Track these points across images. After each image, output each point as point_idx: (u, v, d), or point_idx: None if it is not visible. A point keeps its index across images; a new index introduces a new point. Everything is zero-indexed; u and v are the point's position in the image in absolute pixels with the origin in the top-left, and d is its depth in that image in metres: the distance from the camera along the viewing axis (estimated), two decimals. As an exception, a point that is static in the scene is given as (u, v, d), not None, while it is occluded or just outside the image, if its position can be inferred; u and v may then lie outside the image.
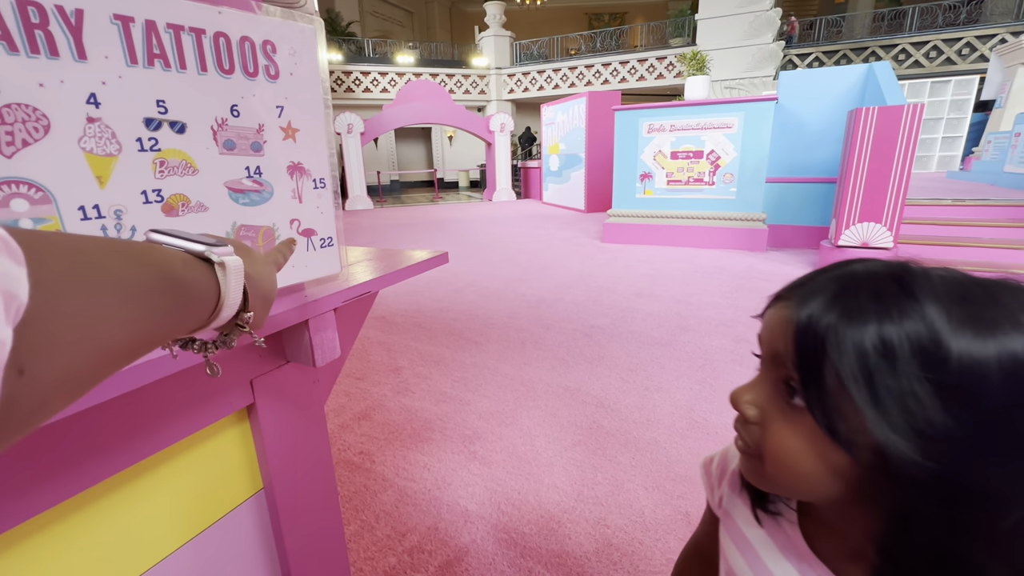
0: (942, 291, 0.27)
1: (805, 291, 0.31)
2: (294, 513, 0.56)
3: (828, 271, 0.32)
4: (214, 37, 0.41)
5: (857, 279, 0.29)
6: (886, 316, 0.27)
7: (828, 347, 0.28)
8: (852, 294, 0.28)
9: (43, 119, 0.33)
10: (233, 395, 0.48)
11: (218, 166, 0.44)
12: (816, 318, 0.29)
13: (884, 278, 0.28)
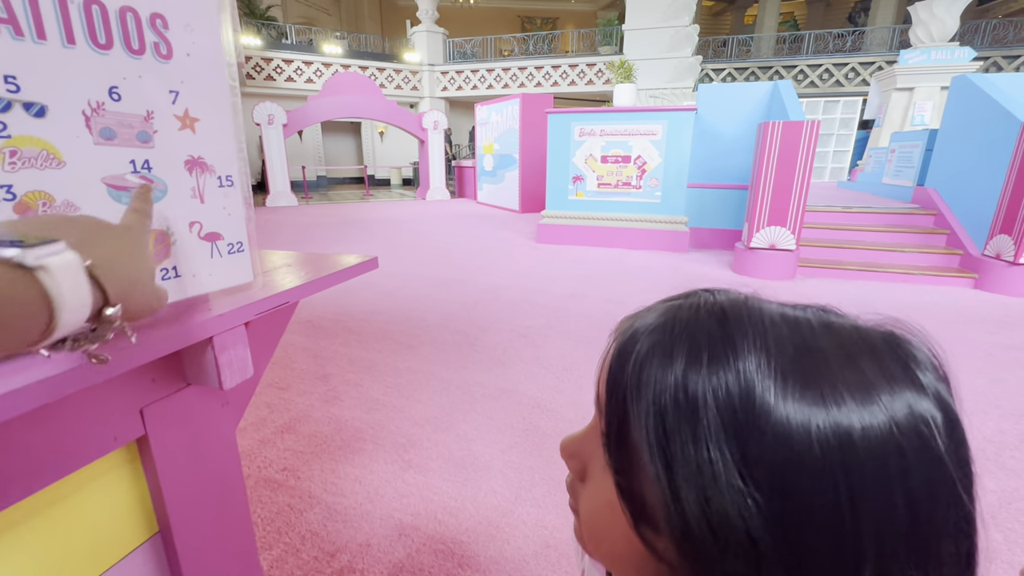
0: (775, 338, 0.21)
1: (629, 325, 0.26)
2: (198, 555, 0.49)
3: (669, 301, 0.27)
4: (84, 4, 0.35)
5: (680, 315, 0.24)
6: (694, 362, 0.21)
7: (628, 394, 0.23)
8: (667, 333, 0.23)
9: None
10: (117, 427, 0.41)
11: (93, 158, 0.37)
12: (624, 359, 0.24)
13: (706, 316, 0.23)
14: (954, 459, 0.19)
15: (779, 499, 0.19)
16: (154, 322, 0.41)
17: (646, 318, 0.25)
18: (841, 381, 0.19)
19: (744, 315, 0.23)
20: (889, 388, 0.20)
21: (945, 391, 0.21)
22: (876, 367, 0.20)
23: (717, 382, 0.20)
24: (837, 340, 0.21)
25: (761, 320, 0.22)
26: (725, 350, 0.21)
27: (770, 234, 4.12)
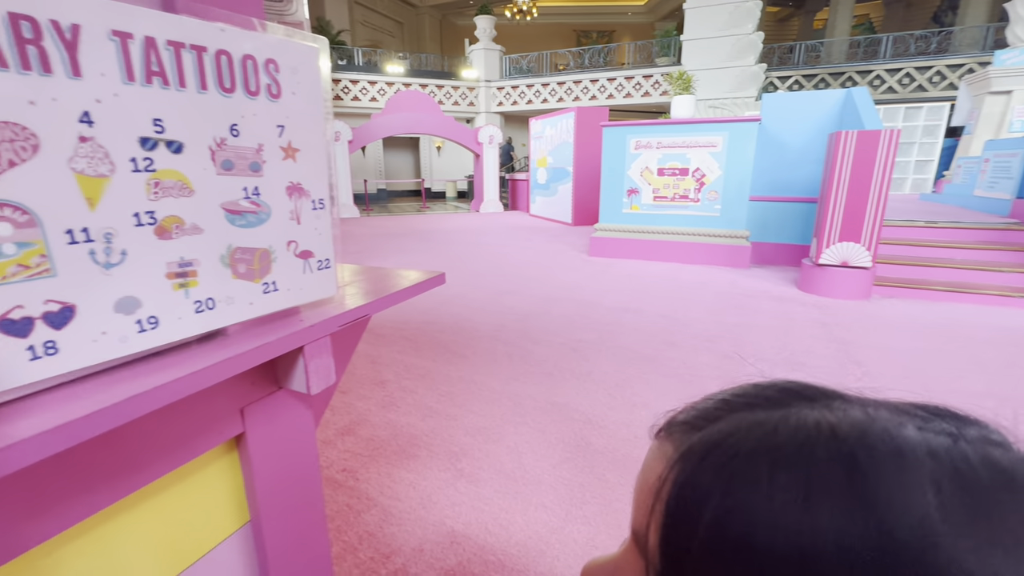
0: (941, 497, 0.15)
1: (695, 435, 0.20)
2: (282, 545, 0.54)
3: (748, 400, 0.20)
4: (216, 55, 0.40)
5: (784, 449, 0.17)
6: (817, 532, 0.15)
7: (703, 561, 0.17)
8: (766, 478, 0.16)
9: (32, 138, 0.31)
10: (223, 424, 0.46)
11: (215, 187, 0.42)
12: (697, 508, 0.17)
13: (825, 455, 0.16)
14: None
15: None
16: (253, 332, 0.46)
17: (717, 444, 0.18)
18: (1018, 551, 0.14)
19: (891, 466, 0.15)
20: None
21: None
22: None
23: (855, 558, 0.14)
24: (1011, 488, 0.15)
25: (919, 473, 0.15)
26: (867, 529, 0.14)
27: (842, 250, 3.86)
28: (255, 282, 0.46)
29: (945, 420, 0.18)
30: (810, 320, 3.36)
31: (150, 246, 0.38)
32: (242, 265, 0.45)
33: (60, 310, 0.34)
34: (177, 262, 0.40)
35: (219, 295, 0.43)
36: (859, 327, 3.20)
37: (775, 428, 0.18)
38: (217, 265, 0.43)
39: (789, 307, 3.66)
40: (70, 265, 0.34)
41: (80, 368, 0.35)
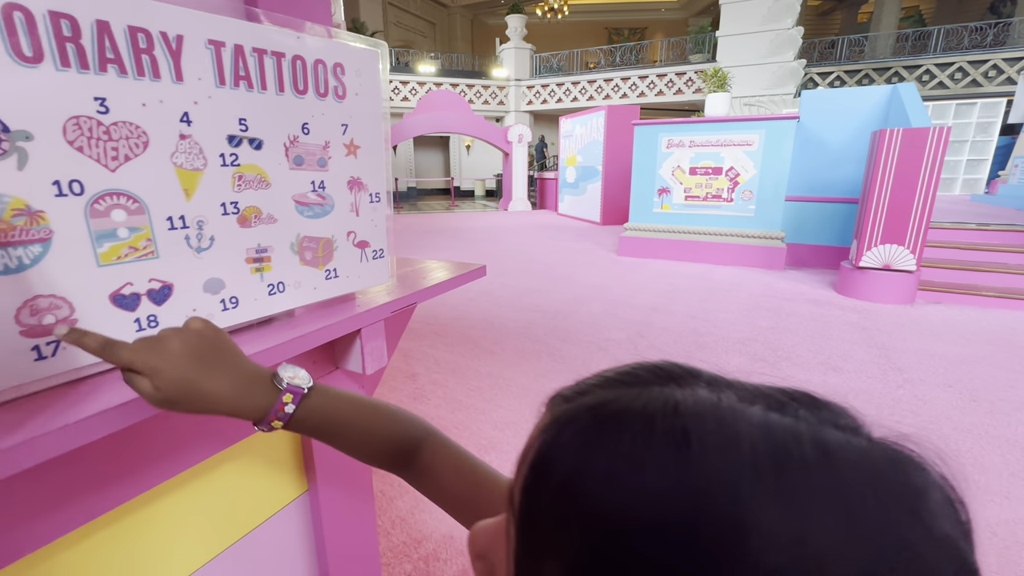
0: (756, 470, 0.16)
1: (564, 406, 0.21)
2: (335, 515, 0.58)
3: (612, 385, 0.21)
4: (292, 60, 0.44)
5: (630, 423, 0.18)
6: (636, 502, 0.16)
7: (545, 530, 0.19)
8: (603, 447, 0.18)
9: (143, 136, 0.36)
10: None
11: (288, 180, 0.46)
12: (545, 468, 0.19)
13: (662, 433, 0.17)
14: None
15: None
16: (316, 315, 0.50)
17: (578, 415, 0.20)
18: (835, 531, 0.15)
19: (715, 439, 0.17)
20: (888, 534, 0.15)
21: (963, 543, 0.17)
22: (875, 506, 0.16)
23: (668, 547, 0.16)
24: (835, 476, 0.16)
25: (738, 448, 0.17)
26: (684, 496, 0.16)
27: (884, 253, 3.72)
28: (319, 268, 0.50)
29: (800, 404, 0.19)
30: (848, 324, 3.25)
31: (233, 233, 0.42)
32: (308, 252, 0.49)
33: (161, 288, 0.38)
34: (255, 248, 0.44)
35: (289, 279, 0.47)
36: (901, 332, 3.08)
37: (629, 403, 0.19)
38: (288, 252, 0.47)
39: (826, 310, 3.55)
40: (170, 248, 0.38)
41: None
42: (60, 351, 0.33)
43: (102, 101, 0.33)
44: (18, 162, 0.30)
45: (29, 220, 0.31)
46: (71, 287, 0.33)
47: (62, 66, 0.31)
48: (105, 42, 0.33)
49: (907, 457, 0.17)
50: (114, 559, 0.42)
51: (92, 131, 0.33)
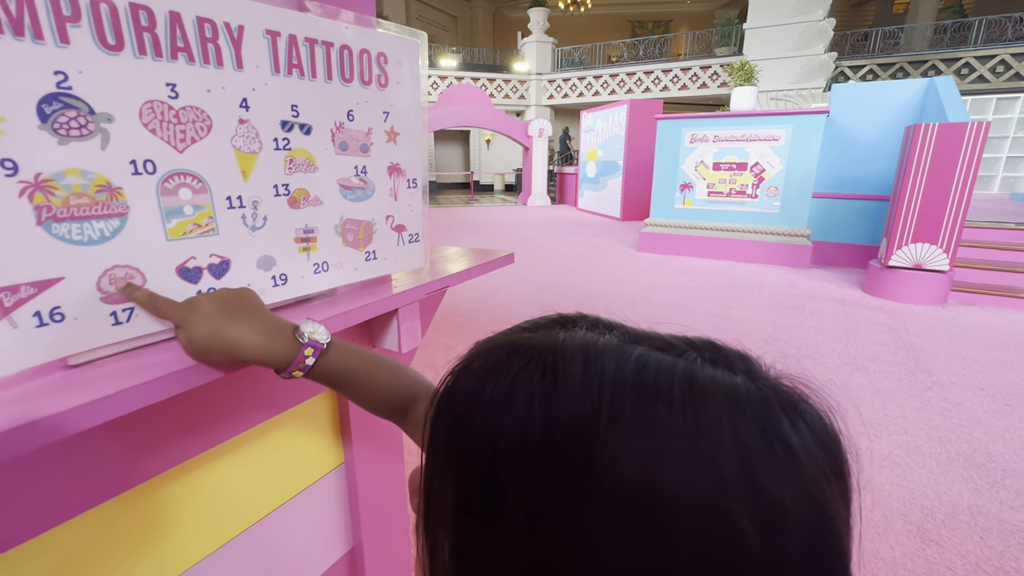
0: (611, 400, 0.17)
1: (463, 361, 0.23)
2: (369, 485, 0.61)
3: (525, 325, 0.24)
4: (340, 49, 0.46)
5: (512, 362, 0.20)
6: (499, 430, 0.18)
7: (440, 446, 0.21)
8: (486, 380, 0.20)
9: (207, 120, 0.38)
10: (329, 373, 0.53)
11: (333, 165, 0.48)
12: (445, 401, 0.22)
13: (537, 370, 0.19)
14: (809, 565, 0.16)
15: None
16: (357, 294, 0.52)
17: (480, 354, 0.22)
18: (673, 448, 0.16)
19: (579, 371, 0.18)
20: (732, 462, 0.16)
21: (822, 480, 0.17)
22: (730, 435, 0.16)
23: (527, 468, 0.17)
24: (694, 403, 0.17)
25: (600, 380, 0.18)
26: (543, 421, 0.18)
27: (916, 252, 3.61)
28: (360, 250, 0.52)
29: (693, 348, 0.20)
30: (876, 324, 3.18)
31: (284, 214, 0.45)
32: (351, 235, 0.51)
33: (220, 263, 0.41)
34: (303, 229, 0.47)
35: (332, 260, 0.50)
36: (931, 334, 2.99)
37: (520, 344, 0.21)
38: (332, 233, 0.49)
39: (853, 310, 3.47)
40: (228, 226, 0.41)
41: (231, 313, 0.43)
42: (134, 318, 0.36)
43: (173, 87, 0.36)
44: (101, 142, 0.33)
45: (109, 196, 0.34)
46: (144, 259, 0.36)
47: (139, 54, 0.34)
48: (177, 32, 0.35)
49: (782, 397, 0.18)
50: (172, 513, 0.45)
51: (164, 114, 0.36)
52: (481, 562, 0.19)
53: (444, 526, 0.21)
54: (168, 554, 0.45)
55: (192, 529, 0.47)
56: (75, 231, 0.33)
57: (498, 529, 0.18)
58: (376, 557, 0.63)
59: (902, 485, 1.55)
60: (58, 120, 0.31)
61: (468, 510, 0.19)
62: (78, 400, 0.30)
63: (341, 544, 0.61)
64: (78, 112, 0.32)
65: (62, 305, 0.32)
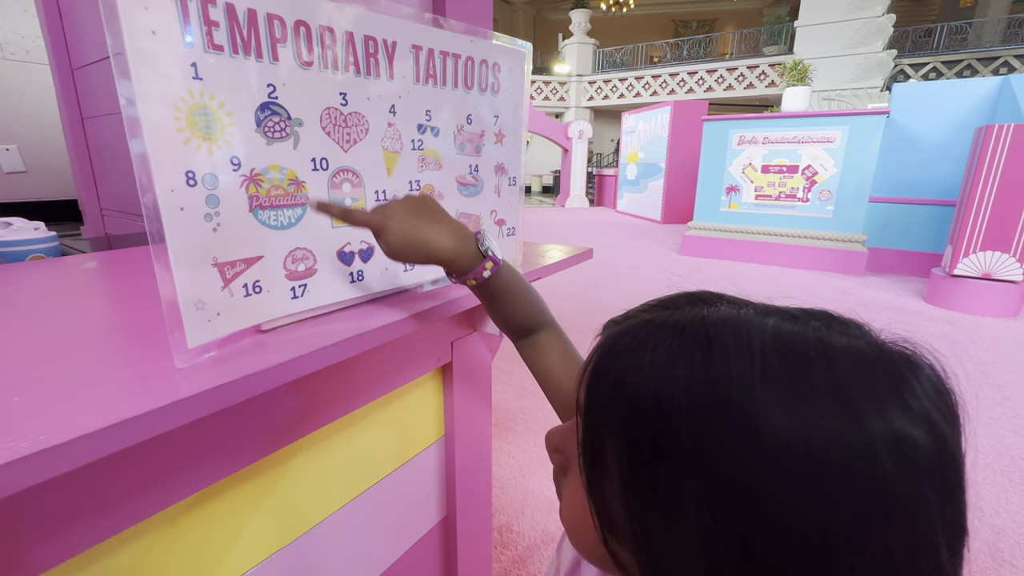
0: (762, 371, 0.20)
1: (610, 335, 0.25)
2: (463, 459, 0.66)
3: (664, 302, 0.26)
4: (465, 60, 0.51)
5: (663, 336, 0.22)
6: (671, 394, 0.20)
7: (603, 415, 0.23)
8: (647, 354, 0.22)
9: (366, 124, 0.44)
10: (440, 352, 0.59)
11: (454, 163, 0.54)
12: (601, 375, 0.24)
13: (690, 342, 0.21)
14: (940, 499, 0.19)
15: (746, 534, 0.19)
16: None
17: (628, 330, 0.24)
18: (819, 400, 0.19)
19: (731, 341, 0.21)
20: (870, 408, 0.18)
21: (943, 423, 0.20)
22: (864, 386, 0.19)
23: (695, 421, 0.20)
24: (830, 366, 0.20)
25: (750, 347, 0.20)
26: (706, 382, 0.20)
27: (985, 260, 3.41)
28: (469, 242, 0.58)
29: (814, 318, 0.23)
30: (939, 336, 3.02)
31: (414, 207, 0.51)
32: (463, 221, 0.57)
33: (367, 248, 0.47)
34: (427, 221, 0.52)
35: (448, 249, 0.55)
36: (1001, 348, 2.82)
37: (667, 319, 0.23)
38: (448, 225, 0.55)
39: (912, 320, 3.31)
40: (374, 216, 0.47)
41: (373, 293, 0.49)
42: (307, 293, 0.43)
43: (344, 95, 0.42)
44: (294, 143, 0.39)
45: (296, 188, 0.40)
46: (316, 243, 0.42)
47: (323, 68, 0.40)
48: (350, 48, 0.41)
49: (900, 353, 0.21)
50: (296, 480, 0.51)
51: (336, 119, 0.42)
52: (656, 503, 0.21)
53: (611, 477, 0.23)
54: (293, 517, 0.51)
55: (312, 495, 0.53)
56: (272, 218, 0.39)
57: (671, 477, 0.20)
58: (466, 525, 0.68)
59: (971, 503, 1.48)
60: (267, 124, 0.37)
61: (638, 460, 0.21)
62: (276, 360, 0.35)
63: (437, 512, 0.67)
64: (280, 118, 0.38)
65: (260, 279, 0.39)
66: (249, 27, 0.35)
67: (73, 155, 1.39)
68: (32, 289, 0.56)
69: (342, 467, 0.55)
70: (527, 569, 1.32)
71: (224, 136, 0.34)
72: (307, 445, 0.51)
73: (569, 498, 0.28)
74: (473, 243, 0.43)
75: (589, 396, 0.24)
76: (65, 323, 0.44)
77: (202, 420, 0.33)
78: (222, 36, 0.33)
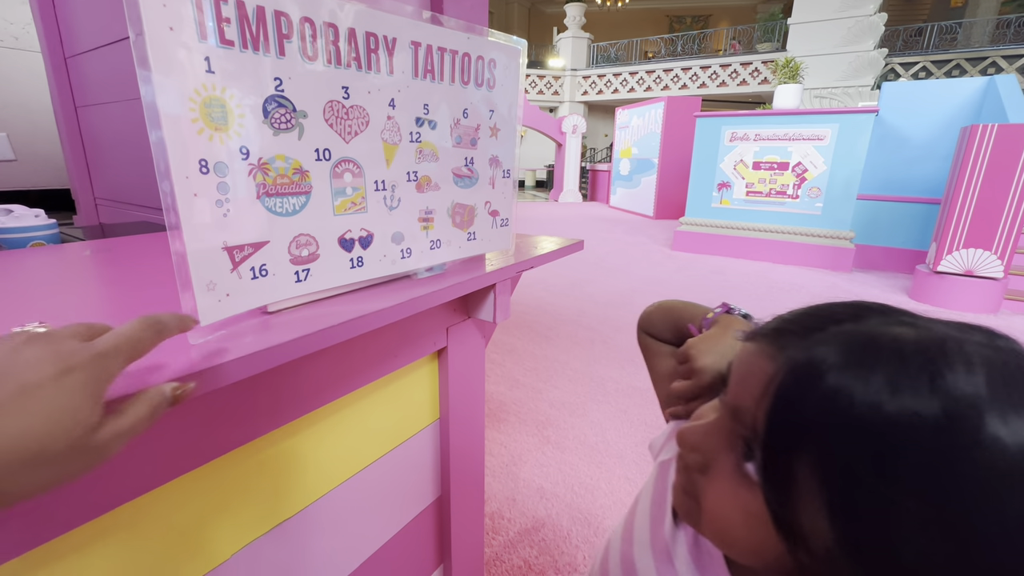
0: (990, 382, 0.20)
1: (800, 342, 0.25)
2: (457, 441, 0.69)
3: (836, 315, 0.26)
4: (462, 56, 0.53)
5: (881, 354, 0.22)
6: (902, 422, 0.20)
7: (810, 437, 0.22)
8: (864, 377, 0.21)
9: (366, 116, 0.46)
10: (435, 337, 0.61)
11: (450, 156, 0.56)
12: (803, 392, 0.23)
13: (913, 353, 0.22)
14: None
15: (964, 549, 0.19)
16: (459, 271, 0.60)
17: (823, 338, 0.24)
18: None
19: (952, 357, 0.21)
20: None
21: None
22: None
23: (925, 445, 0.20)
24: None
25: (971, 370, 0.21)
26: (936, 407, 0.20)
27: (967, 257, 3.49)
28: (464, 231, 0.60)
29: (978, 332, 0.23)
30: (921, 330, 3.09)
31: (412, 197, 0.53)
32: (458, 216, 0.59)
33: (367, 236, 0.49)
34: (424, 210, 0.55)
35: (444, 238, 0.58)
36: (981, 342, 2.90)
37: (871, 337, 0.23)
38: (444, 215, 0.57)
39: (896, 315, 3.39)
40: (374, 205, 0.49)
41: (371, 278, 0.51)
42: (310, 277, 0.45)
43: (346, 89, 0.44)
44: (299, 134, 0.41)
45: (300, 177, 0.42)
46: (318, 229, 0.45)
47: (326, 63, 0.42)
48: (352, 44, 0.43)
49: None
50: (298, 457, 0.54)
51: (338, 112, 0.44)
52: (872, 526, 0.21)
53: (806, 491, 0.22)
54: (293, 493, 0.53)
55: (311, 473, 0.55)
56: (278, 205, 0.41)
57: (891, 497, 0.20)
58: (459, 505, 0.71)
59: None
60: (274, 116, 0.39)
61: (853, 480, 0.21)
62: (282, 339, 0.38)
63: (431, 492, 0.69)
64: (286, 110, 0.40)
65: (267, 263, 0.41)
66: (258, 23, 0.37)
67: (67, 144, 1.39)
68: (37, 274, 0.57)
69: (340, 446, 0.58)
70: (518, 554, 1.35)
71: (234, 127, 0.36)
72: (308, 423, 0.53)
73: (718, 499, 0.28)
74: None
75: (781, 408, 0.24)
76: (75, 306, 0.46)
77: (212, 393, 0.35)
78: (233, 31, 0.35)
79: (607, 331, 3.09)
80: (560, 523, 1.47)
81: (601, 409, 2.15)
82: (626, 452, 1.84)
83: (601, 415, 2.10)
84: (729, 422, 0.28)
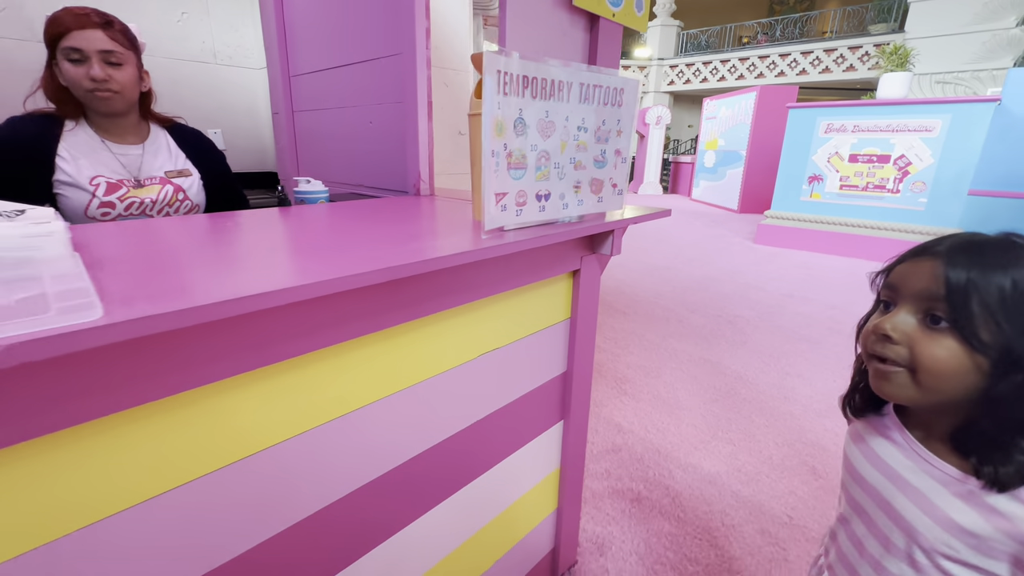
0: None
1: (943, 250, 0.46)
2: (579, 334, 1.05)
3: (947, 240, 0.47)
4: (605, 88, 0.89)
5: (980, 244, 0.45)
6: (1013, 266, 0.42)
7: (974, 288, 0.42)
8: (984, 253, 0.43)
9: (554, 126, 0.83)
10: (573, 261, 0.97)
11: (593, 148, 0.91)
12: (963, 269, 0.43)
13: (1002, 242, 0.44)
14: None
15: None
16: (592, 220, 0.95)
17: (952, 245, 0.46)
18: None
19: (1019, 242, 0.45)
20: None
21: None
22: None
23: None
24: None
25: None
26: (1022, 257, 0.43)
27: (1090, 258, 3.24)
28: (596, 195, 0.95)
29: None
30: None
31: (571, 172, 0.89)
32: (594, 186, 0.94)
33: (547, 194, 0.86)
34: (575, 181, 0.91)
35: (585, 200, 0.93)
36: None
37: (972, 241, 0.47)
38: (587, 185, 0.93)
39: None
40: (553, 177, 0.86)
41: (549, 219, 0.88)
42: (522, 213, 0.82)
43: (547, 112, 0.81)
44: (526, 137, 0.79)
45: (522, 159, 0.80)
46: (528, 188, 0.82)
47: (539, 98, 0.79)
48: (549, 86, 0.80)
49: None
50: (450, 335, 0.92)
51: (542, 124, 0.81)
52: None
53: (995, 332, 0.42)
54: (460, 351, 0.92)
55: (487, 336, 0.93)
56: (515, 174, 0.79)
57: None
58: (578, 379, 1.08)
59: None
60: (517, 127, 0.77)
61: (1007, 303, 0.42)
62: (516, 238, 0.75)
63: (561, 365, 1.06)
64: (523, 124, 0.78)
65: (506, 204, 0.79)
66: (515, 81, 0.74)
67: (284, 138, 1.93)
68: (338, 219, 1.01)
69: (508, 320, 0.96)
70: (600, 464, 1.70)
71: (505, 133, 0.74)
72: (491, 302, 0.92)
73: (929, 354, 0.45)
74: None
75: (956, 276, 0.44)
76: (384, 233, 0.87)
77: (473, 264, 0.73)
78: (504, 86, 0.73)
79: (682, 312, 3.31)
80: (635, 449, 1.80)
81: (674, 374, 2.42)
82: (695, 407, 2.11)
83: (673, 378, 2.38)
84: (913, 305, 0.47)
